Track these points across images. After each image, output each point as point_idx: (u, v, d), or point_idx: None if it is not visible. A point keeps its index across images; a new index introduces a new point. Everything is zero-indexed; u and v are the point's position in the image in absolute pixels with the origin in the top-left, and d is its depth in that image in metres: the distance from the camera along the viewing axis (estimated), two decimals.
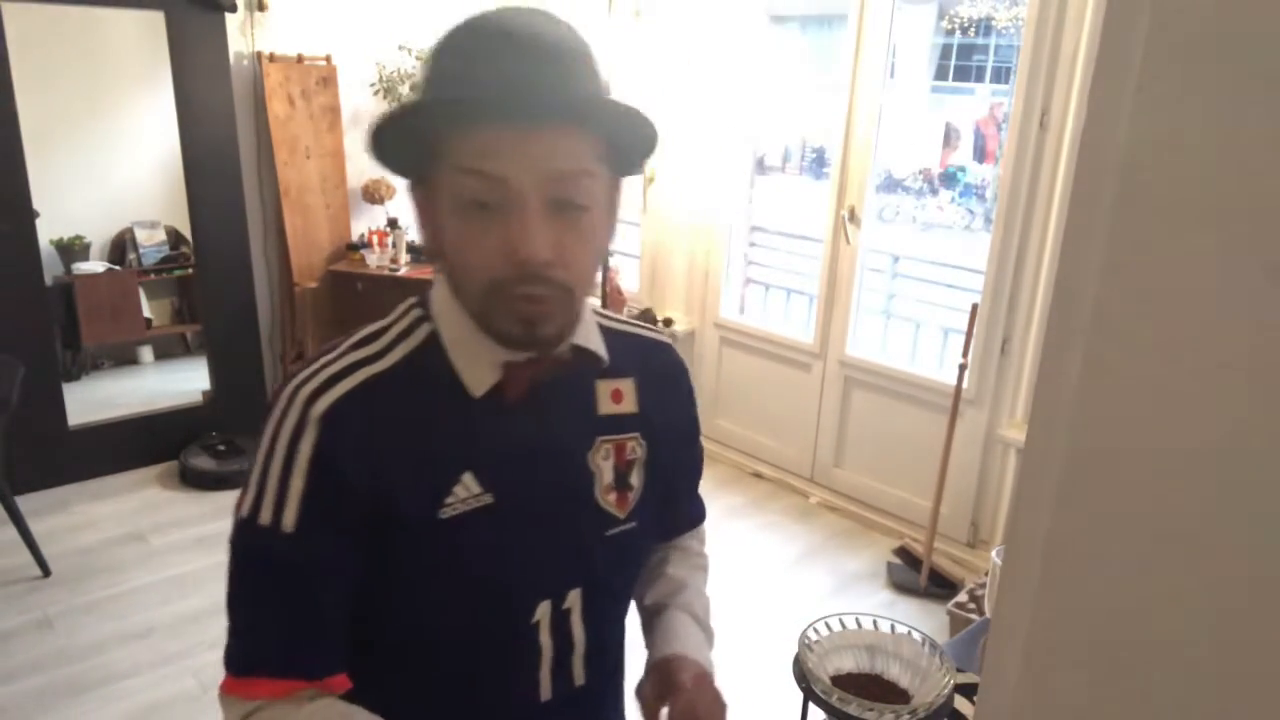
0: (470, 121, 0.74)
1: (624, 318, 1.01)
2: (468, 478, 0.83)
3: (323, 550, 0.80)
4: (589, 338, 0.89)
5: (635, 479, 0.94)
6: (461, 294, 0.82)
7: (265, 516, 0.79)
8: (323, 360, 0.84)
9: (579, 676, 0.94)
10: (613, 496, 0.92)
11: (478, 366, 0.84)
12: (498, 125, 0.74)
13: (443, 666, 0.89)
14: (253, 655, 0.81)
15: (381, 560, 0.82)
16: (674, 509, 1.07)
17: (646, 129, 0.80)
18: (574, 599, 0.91)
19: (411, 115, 0.77)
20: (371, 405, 0.80)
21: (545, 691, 0.91)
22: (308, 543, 0.79)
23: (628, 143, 0.82)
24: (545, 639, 0.90)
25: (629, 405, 0.94)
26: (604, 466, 0.91)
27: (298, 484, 0.78)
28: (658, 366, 0.99)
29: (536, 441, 0.87)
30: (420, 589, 0.84)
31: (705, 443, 4.47)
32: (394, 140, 0.79)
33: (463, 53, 0.76)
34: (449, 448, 0.83)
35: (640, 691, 0.96)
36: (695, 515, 1.13)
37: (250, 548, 0.81)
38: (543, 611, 0.89)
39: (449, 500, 0.82)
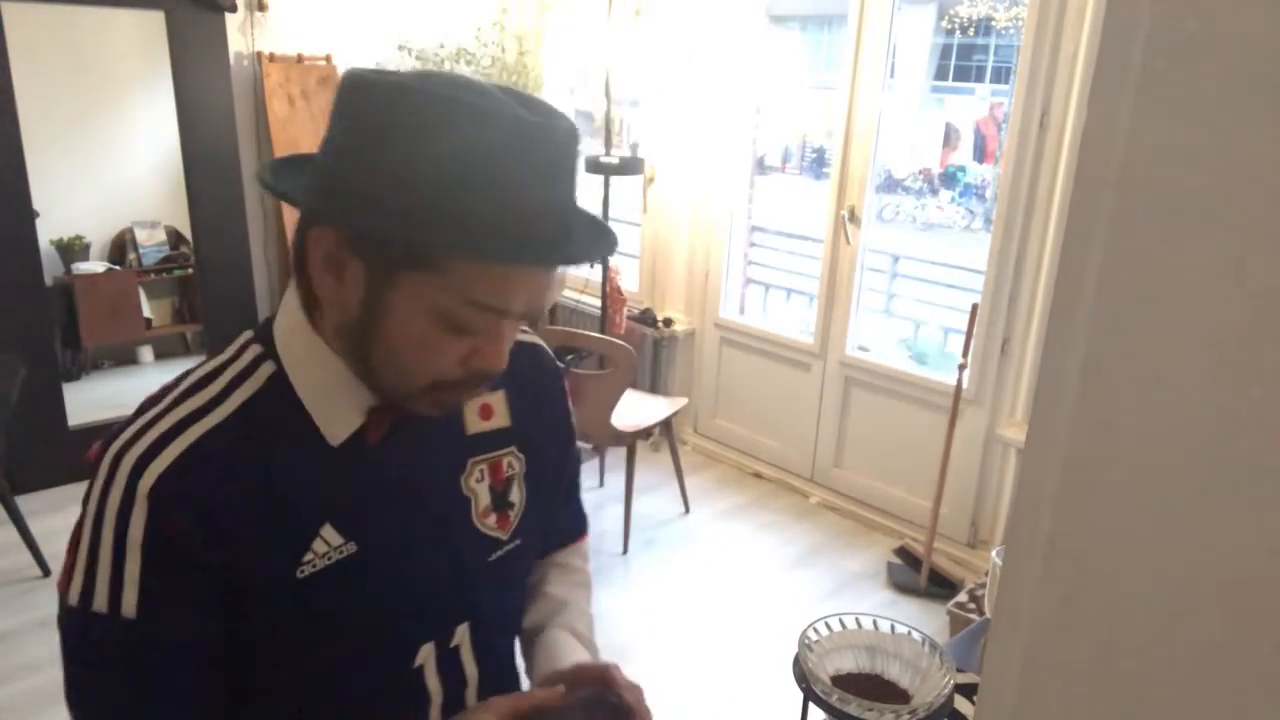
0: (495, 264, 0.68)
1: None
2: (327, 530, 0.76)
3: (174, 632, 0.72)
4: None
5: (515, 495, 0.89)
6: (373, 371, 0.74)
7: (100, 603, 0.70)
8: (148, 417, 0.74)
9: None
10: (492, 519, 0.87)
11: (337, 414, 0.76)
12: (526, 268, 0.70)
13: (319, 716, 0.82)
14: None
15: (240, 622, 0.75)
16: (558, 517, 1.01)
17: (606, 255, 0.81)
18: (462, 634, 0.86)
19: (420, 236, 0.66)
20: (207, 466, 0.71)
21: None
22: (155, 627, 0.71)
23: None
24: (433, 682, 0.85)
25: (500, 419, 0.89)
26: (479, 489, 0.86)
27: (134, 566, 0.70)
28: (529, 371, 0.92)
29: (404, 478, 0.81)
30: (287, 648, 0.78)
31: (705, 443, 4.48)
32: (383, 224, 0.68)
33: (491, 176, 0.66)
34: (302, 501, 0.75)
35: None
36: (574, 528, 1.06)
37: (88, 640, 0.72)
38: (426, 654, 0.84)
39: (307, 558, 0.75)
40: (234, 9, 3.73)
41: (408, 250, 0.68)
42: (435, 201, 0.65)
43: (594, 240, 0.76)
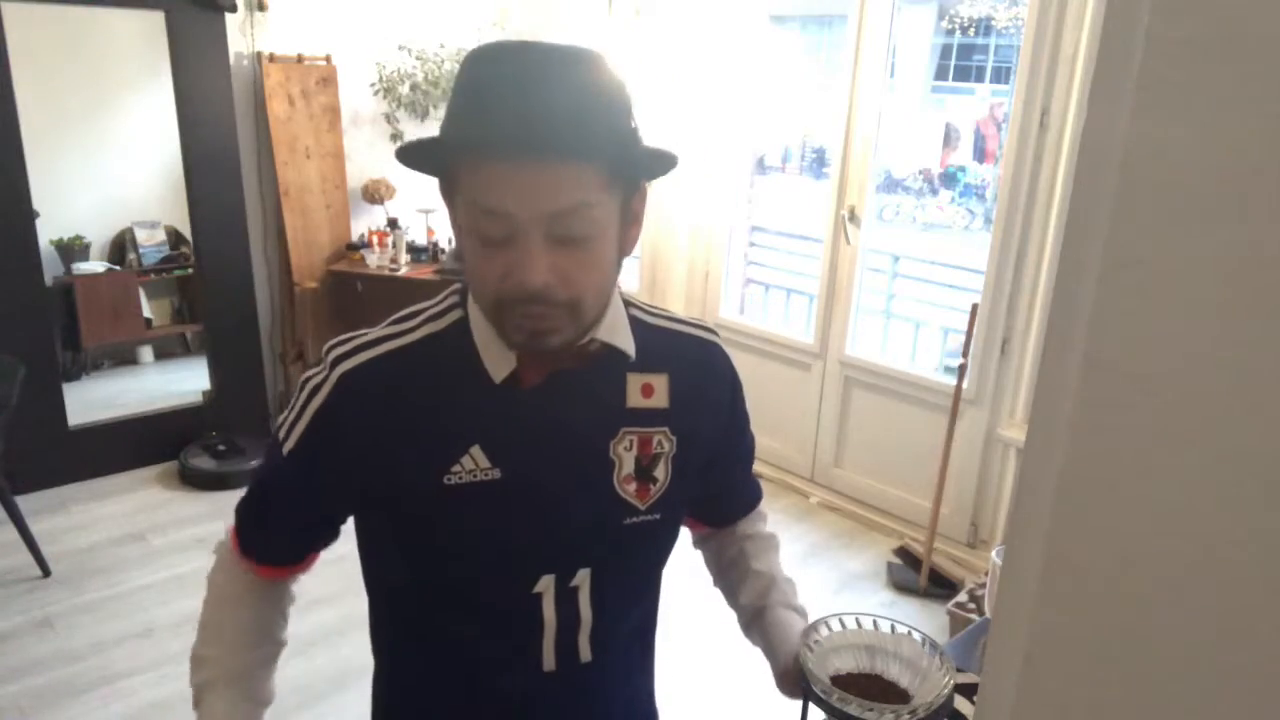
0: (477, 159, 0.78)
1: (671, 314, 1.04)
2: (475, 450, 0.88)
3: (301, 480, 0.92)
4: (616, 334, 0.92)
5: (660, 472, 0.96)
6: (476, 299, 0.88)
7: (282, 434, 0.92)
8: (363, 330, 0.93)
9: (584, 653, 0.96)
10: (633, 486, 0.94)
11: (497, 355, 0.88)
12: (502, 163, 0.77)
13: (447, 623, 0.95)
14: (239, 528, 0.99)
15: (385, 513, 0.91)
16: (729, 495, 1.13)
17: (659, 160, 0.84)
18: (582, 578, 0.94)
19: (428, 149, 0.82)
20: (387, 374, 0.88)
21: (549, 662, 0.95)
22: (292, 469, 0.92)
23: (642, 168, 0.86)
24: (549, 612, 0.93)
25: (659, 400, 0.96)
26: (625, 457, 0.94)
27: (301, 425, 0.90)
28: (698, 363, 1.01)
29: (552, 426, 0.90)
30: (424, 544, 0.91)
31: None
32: (419, 160, 0.85)
33: (474, 88, 0.79)
34: (459, 422, 0.88)
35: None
36: (752, 498, 1.17)
37: (268, 450, 0.95)
38: (545, 584, 0.92)
39: (455, 469, 0.87)
40: (234, 9, 3.73)
41: (446, 173, 0.84)
42: (448, 120, 0.81)
43: (604, 146, 0.80)
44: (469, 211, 0.80)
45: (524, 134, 0.77)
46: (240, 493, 1.02)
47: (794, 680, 1.01)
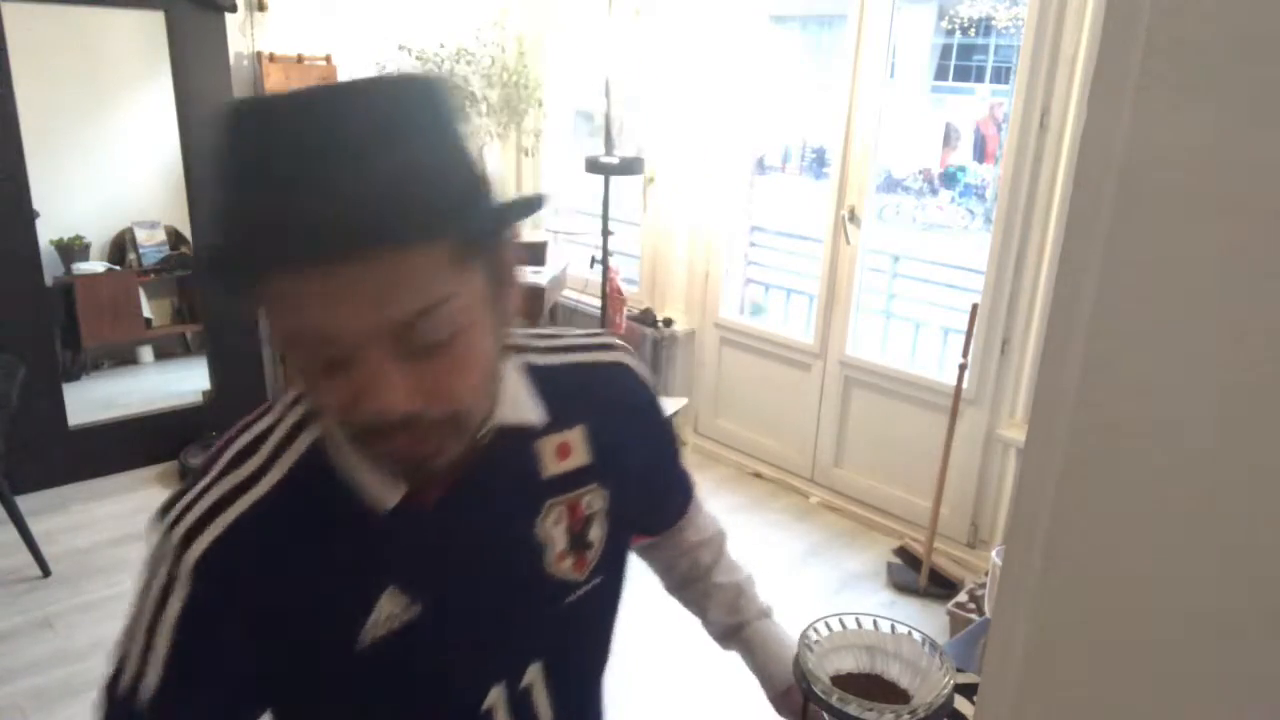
0: (265, 271, 0.58)
1: (567, 340, 0.86)
2: (388, 596, 0.72)
3: (188, 714, 0.70)
4: (517, 408, 0.76)
5: (595, 533, 0.83)
6: (329, 429, 0.70)
7: (126, 680, 0.70)
8: (201, 484, 0.71)
9: None
10: (568, 562, 0.81)
11: (378, 481, 0.70)
12: (307, 271, 0.56)
13: None
14: None
15: (298, 696, 0.75)
16: (663, 502, 1.01)
17: (520, 209, 0.66)
18: (534, 674, 0.83)
19: (205, 268, 0.64)
20: (254, 540, 0.68)
21: None
22: (168, 707, 0.69)
23: (502, 223, 0.68)
24: None
25: (580, 457, 0.81)
26: (555, 533, 0.80)
27: (162, 647, 0.68)
28: (613, 398, 0.86)
29: (469, 532, 0.75)
30: (352, 712, 0.77)
31: (705, 443, 4.46)
32: (222, 281, 0.65)
33: (245, 173, 0.59)
34: (359, 569, 0.71)
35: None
36: (686, 494, 1.04)
37: (108, 714, 0.72)
38: (495, 697, 0.80)
39: (367, 627, 0.71)
40: (234, 9, 3.73)
41: (238, 287, 0.64)
42: (225, 222, 0.61)
43: (432, 221, 0.59)
44: (282, 336, 0.61)
45: (328, 228, 0.55)
46: None
47: (794, 706, 0.98)
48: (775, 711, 1.05)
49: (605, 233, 3.76)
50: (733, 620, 1.06)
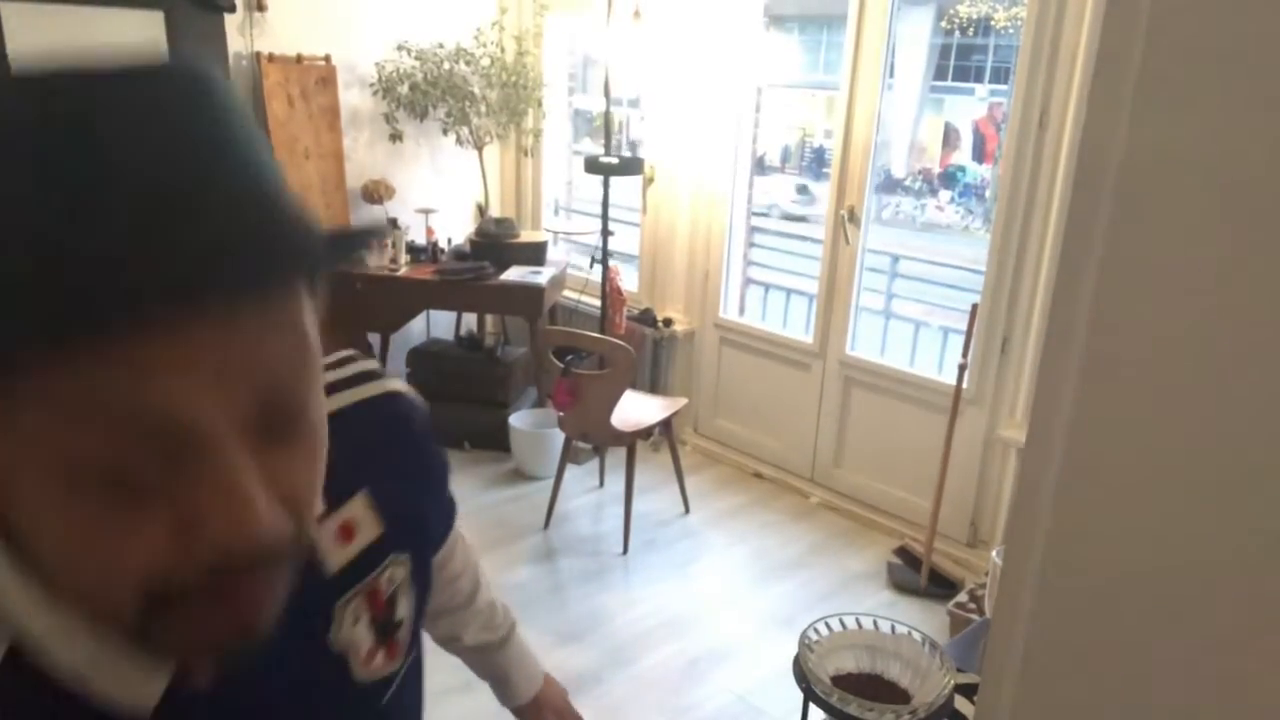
0: (65, 338, 0.36)
1: (331, 374, 0.67)
2: None
3: None
4: None
5: (403, 607, 0.67)
6: (70, 604, 0.44)
7: None
8: None
9: None
10: (379, 657, 0.65)
11: (128, 678, 0.48)
12: (148, 332, 0.37)
13: None
14: None
15: None
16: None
17: (351, 241, 0.52)
18: None
19: None
20: None
21: None
22: None
23: (330, 257, 0.50)
24: None
25: (369, 532, 0.64)
26: (356, 634, 0.63)
27: None
28: (389, 440, 0.69)
29: (250, 690, 0.55)
30: None
31: (705, 443, 4.47)
32: None
33: (31, 201, 0.36)
34: None
35: None
36: (448, 523, 0.85)
37: None
38: None
39: None
40: (233, 9, 3.73)
41: None
42: None
43: (303, 251, 0.46)
44: (48, 439, 0.38)
45: (188, 267, 0.37)
46: None
47: (540, 714, 1.00)
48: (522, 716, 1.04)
49: (605, 233, 3.76)
50: (492, 637, 0.98)
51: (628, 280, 4.31)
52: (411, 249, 4.16)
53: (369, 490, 0.64)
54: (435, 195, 4.34)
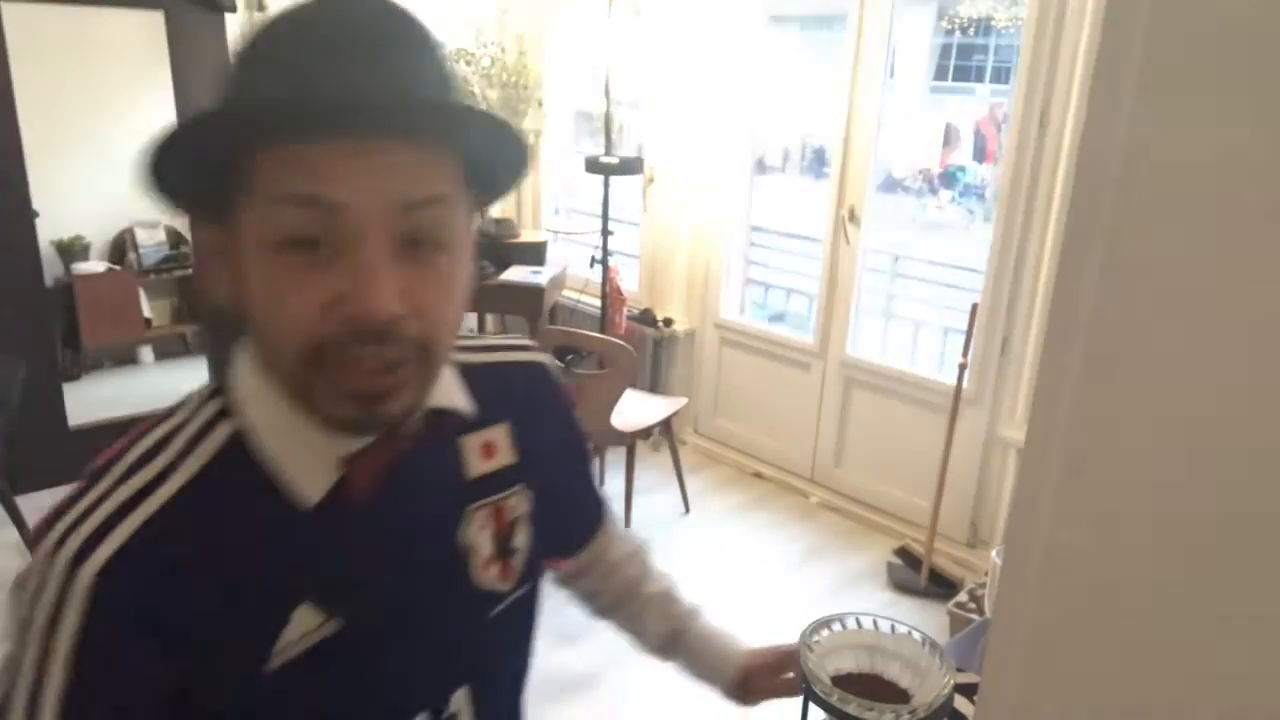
0: (291, 133, 0.56)
1: (485, 341, 0.84)
2: (303, 610, 0.65)
3: None
4: (450, 393, 0.72)
5: (520, 539, 0.78)
6: (274, 367, 0.62)
7: (20, 716, 0.59)
8: (96, 492, 0.63)
9: None
10: (494, 570, 0.76)
11: (307, 468, 0.64)
12: (328, 138, 0.55)
13: None
14: None
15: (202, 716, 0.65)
16: (578, 518, 0.96)
17: (515, 146, 0.64)
18: (460, 701, 0.76)
19: (208, 127, 0.58)
20: (157, 553, 0.60)
21: None
22: None
23: (490, 162, 0.65)
24: None
25: (504, 457, 0.77)
26: (480, 539, 0.75)
27: (55, 683, 0.58)
28: (533, 396, 0.83)
29: (391, 538, 0.69)
30: None
31: (705, 443, 4.46)
32: (178, 164, 0.59)
33: (280, 48, 0.58)
34: (272, 579, 0.64)
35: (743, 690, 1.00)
36: (600, 511, 0.98)
37: None
38: None
39: (278, 647, 0.64)
40: (234, 9, 3.73)
41: (224, 174, 0.59)
42: (231, 102, 0.61)
43: (460, 119, 0.61)
44: (270, 215, 0.57)
45: (370, 96, 0.56)
46: None
47: (752, 683, 1.01)
48: (737, 702, 1.05)
49: (605, 233, 3.76)
50: (670, 627, 1.02)
51: (628, 280, 4.31)
52: None
53: (511, 425, 0.78)
54: None
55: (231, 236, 0.60)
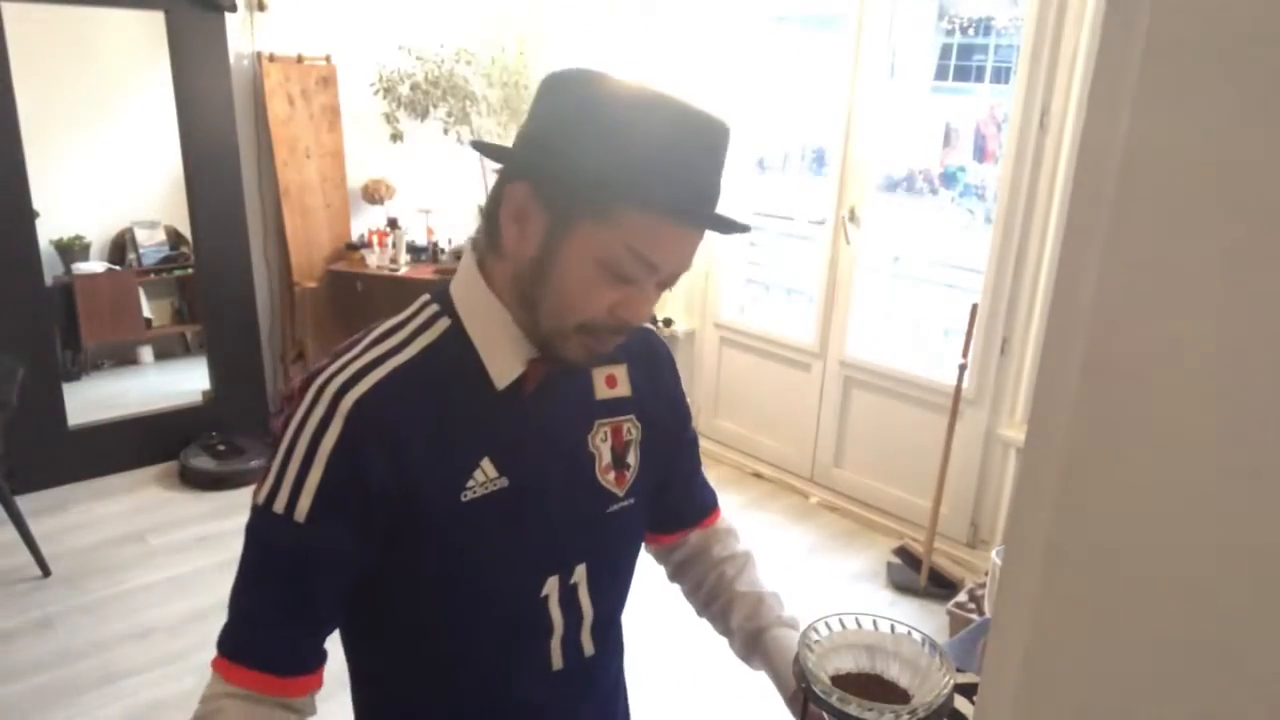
0: (658, 215, 0.80)
1: None
2: (486, 463, 0.87)
3: (331, 541, 0.82)
4: None
5: (632, 458, 0.99)
6: (536, 311, 0.85)
7: (280, 505, 0.81)
8: (347, 357, 0.86)
9: (588, 647, 0.99)
10: (612, 475, 0.97)
11: (504, 361, 0.88)
12: (682, 227, 0.82)
13: (459, 639, 0.93)
14: (241, 644, 0.83)
15: (404, 542, 0.86)
16: (685, 494, 1.14)
17: (742, 231, 0.89)
18: (580, 574, 0.96)
19: (602, 188, 0.79)
20: (397, 396, 0.83)
21: (557, 661, 0.96)
22: (318, 533, 0.81)
23: None
24: (555, 612, 0.95)
25: (623, 389, 1.00)
26: (603, 448, 0.97)
27: (316, 475, 0.81)
28: (645, 350, 1.05)
29: (546, 427, 0.92)
30: (442, 567, 0.88)
31: (705, 443, 4.45)
32: (555, 182, 0.83)
33: (667, 147, 0.80)
34: (470, 435, 0.87)
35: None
36: (708, 500, 1.18)
37: (263, 534, 0.83)
38: (551, 586, 0.94)
39: (469, 484, 0.86)
40: (234, 9, 3.73)
41: (588, 200, 0.80)
42: (617, 161, 0.78)
43: (733, 223, 0.86)
44: (618, 252, 0.80)
45: (708, 210, 0.83)
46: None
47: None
48: (790, 709, 1.08)
49: None
50: (753, 625, 1.11)
51: None
52: (411, 249, 4.16)
53: (628, 366, 1.01)
54: (435, 195, 4.34)
55: (562, 227, 0.81)
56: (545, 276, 0.83)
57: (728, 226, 0.84)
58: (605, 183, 0.79)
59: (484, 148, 0.88)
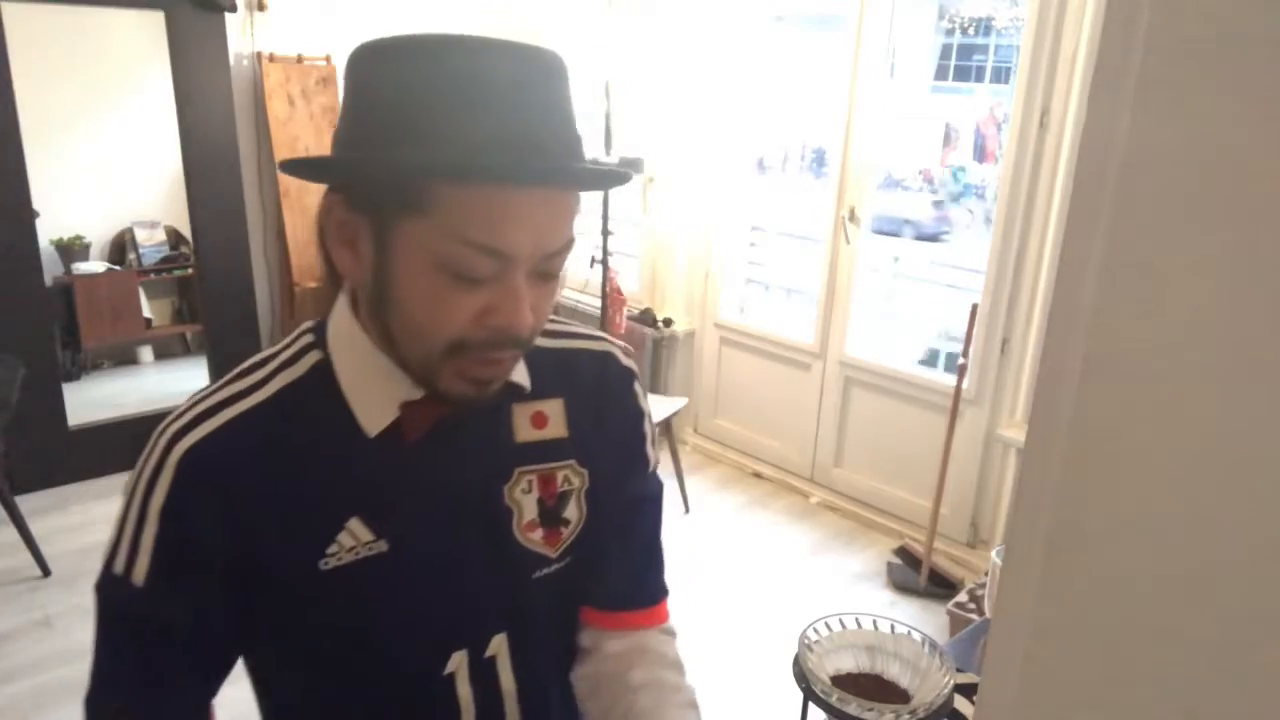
0: (469, 184, 0.64)
1: (564, 327, 0.91)
2: (355, 524, 0.75)
3: (173, 607, 0.73)
4: (515, 368, 0.81)
5: (572, 512, 0.84)
6: (399, 343, 0.72)
7: (119, 565, 0.74)
8: (200, 394, 0.76)
9: None
10: (538, 534, 0.82)
11: (374, 404, 0.75)
12: (509, 192, 0.65)
13: (353, 717, 0.82)
14: (104, 705, 0.77)
15: (262, 614, 0.76)
16: (627, 569, 0.90)
17: (619, 184, 0.76)
18: (499, 645, 0.83)
19: (392, 168, 0.66)
20: (236, 445, 0.72)
21: None
22: (157, 598, 0.73)
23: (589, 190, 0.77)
24: (464, 690, 0.82)
25: (555, 429, 0.83)
26: (524, 501, 0.82)
27: (150, 533, 0.72)
28: (591, 381, 0.87)
29: (440, 480, 0.78)
30: (311, 644, 0.78)
31: (705, 443, 4.45)
32: (342, 174, 0.71)
33: (455, 90, 0.64)
34: (333, 490, 0.75)
35: None
36: (650, 589, 0.92)
37: (107, 596, 0.77)
38: (458, 662, 0.81)
39: (331, 550, 0.74)
40: (234, 9, 3.73)
41: (394, 190, 0.66)
42: (407, 130, 0.65)
43: (589, 171, 0.70)
44: (450, 245, 0.65)
45: (539, 162, 0.65)
46: None
47: None
48: None
49: (605, 233, 3.76)
50: None
51: (627, 280, 4.31)
52: None
53: (565, 402, 0.84)
54: None
55: (385, 234, 0.68)
56: (389, 298, 0.70)
57: (579, 178, 0.69)
58: (402, 162, 0.65)
59: (294, 166, 0.71)
